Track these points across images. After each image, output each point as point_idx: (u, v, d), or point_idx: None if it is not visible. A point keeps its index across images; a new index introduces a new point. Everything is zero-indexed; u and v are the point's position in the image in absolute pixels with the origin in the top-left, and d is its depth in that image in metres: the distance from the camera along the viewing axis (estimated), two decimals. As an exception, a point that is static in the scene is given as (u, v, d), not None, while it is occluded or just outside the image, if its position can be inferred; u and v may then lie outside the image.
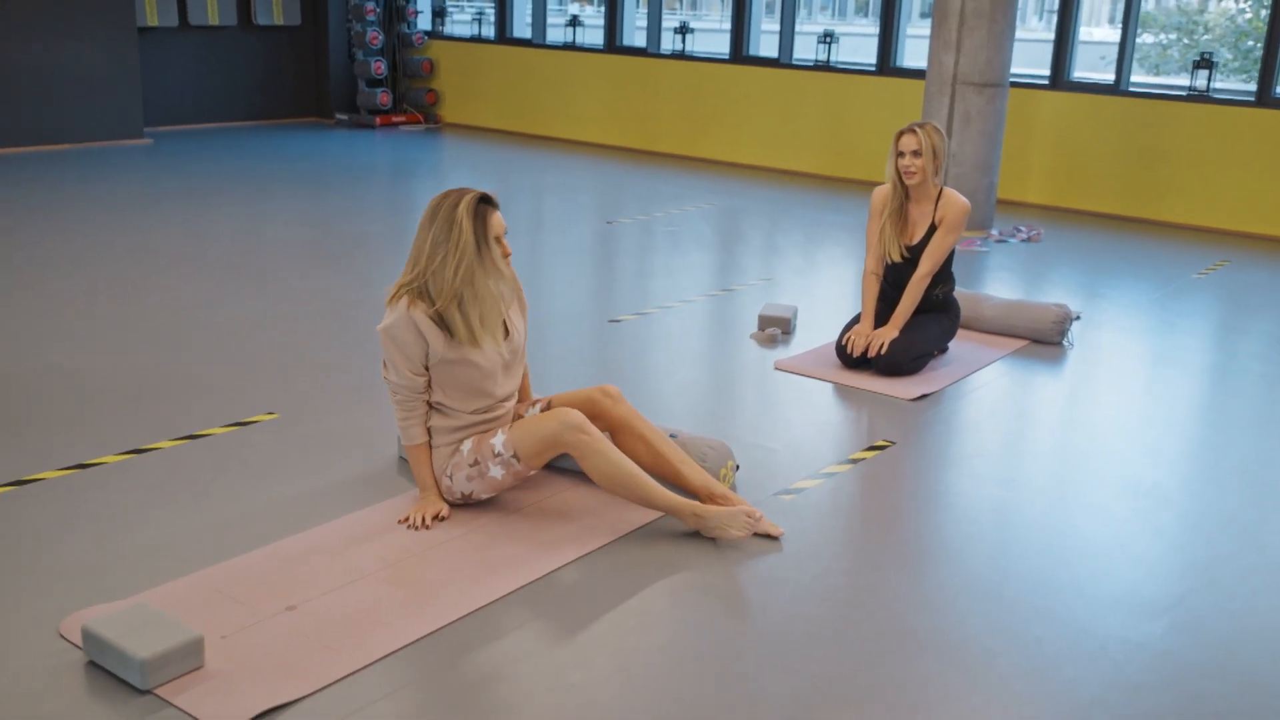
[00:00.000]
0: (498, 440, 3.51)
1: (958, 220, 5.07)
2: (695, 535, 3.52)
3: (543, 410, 3.73)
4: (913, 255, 5.13)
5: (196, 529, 3.48)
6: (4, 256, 6.69)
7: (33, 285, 6.11)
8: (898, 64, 10.20)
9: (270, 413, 4.40)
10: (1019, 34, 8.21)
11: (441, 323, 3.45)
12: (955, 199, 5.10)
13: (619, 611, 3.15)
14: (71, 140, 10.54)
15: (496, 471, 3.51)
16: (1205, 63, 8.82)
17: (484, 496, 3.60)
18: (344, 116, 12.68)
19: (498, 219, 3.49)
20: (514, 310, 3.69)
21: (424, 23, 12.97)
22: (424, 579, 3.25)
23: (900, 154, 5.04)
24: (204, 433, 4.19)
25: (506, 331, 3.62)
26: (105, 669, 2.76)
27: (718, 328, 5.88)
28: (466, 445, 3.56)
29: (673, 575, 3.32)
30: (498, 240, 3.50)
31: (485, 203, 3.47)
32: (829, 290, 6.56)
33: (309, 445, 4.13)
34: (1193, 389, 5.25)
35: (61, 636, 2.90)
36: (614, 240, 7.84)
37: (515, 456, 3.49)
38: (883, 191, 5.20)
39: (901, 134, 5.05)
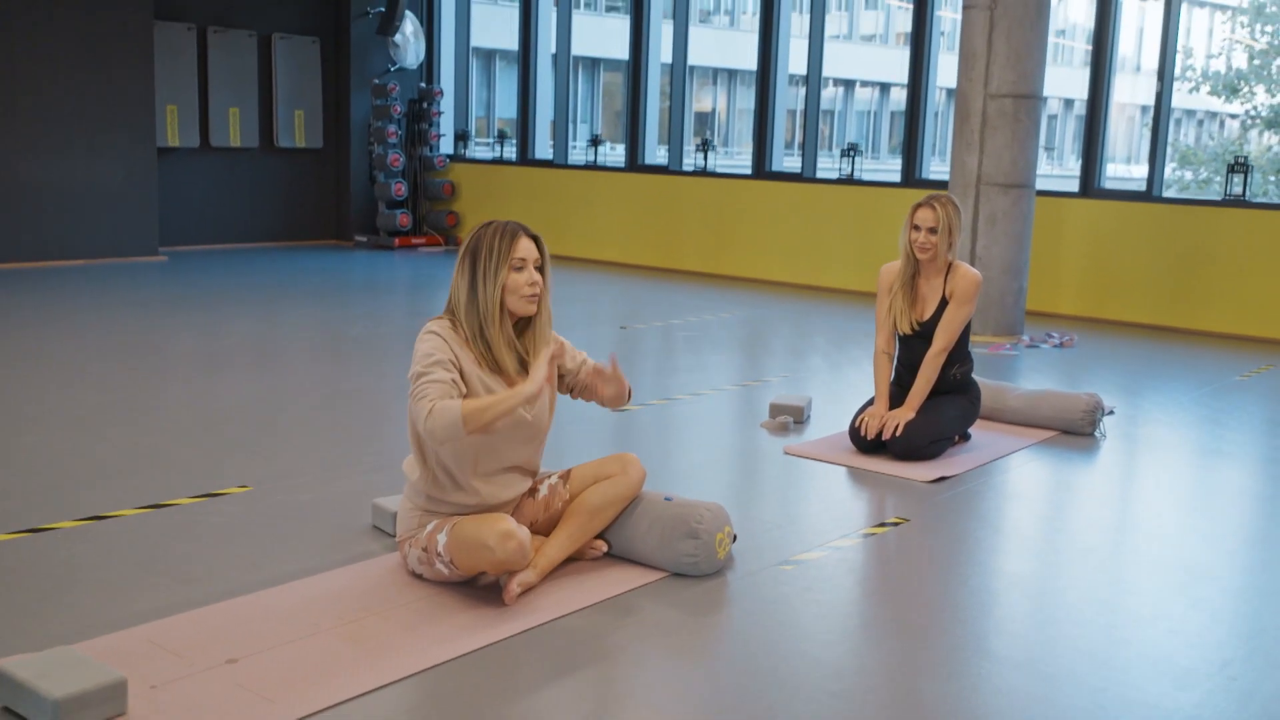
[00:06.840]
0: (441, 538, 3.18)
1: (970, 293, 4.83)
2: (674, 605, 3.25)
3: (560, 478, 3.50)
4: (924, 330, 4.88)
5: (143, 588, 3.22)
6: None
7: (15, 380, 5.95)
8: (922, 175, 10.07)
9: (243, 485, 4.15)
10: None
11: (470, 346, 3.23)
12: (966, 271, 4.87)
13: (586, 679, 2.87)
14: (85, 256, 10.45)
15: (441, 568, 3.21)
16: (1241, 166, 8.60)
17: (434, 581, 3.29)
18: (363, 238, 12.62)
19: (525, 244, 3.23)
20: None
21: (446, 146, 13.02)
22: (381, 636, 2.96)
23: (915, 228, 4.83)
24: (169, 502, 3.94)
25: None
26: (20, 715, 2.48)
27: (728, 417, 5.60)
28: (429, 525, 3.26)
29: (641, 646, 3.03)
30: (521, 264, 3.22)
31: (518, 229, 3.25)
32: (848, 387, 6.26)
33: (276, 515, 3.87)
34: (1235, 476, 4.92)
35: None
36: (630, 342, 7.62)
37: (452, 562, 3.18)
38: (891, 268, 4.97)
39: (919, 208, 4.84)
